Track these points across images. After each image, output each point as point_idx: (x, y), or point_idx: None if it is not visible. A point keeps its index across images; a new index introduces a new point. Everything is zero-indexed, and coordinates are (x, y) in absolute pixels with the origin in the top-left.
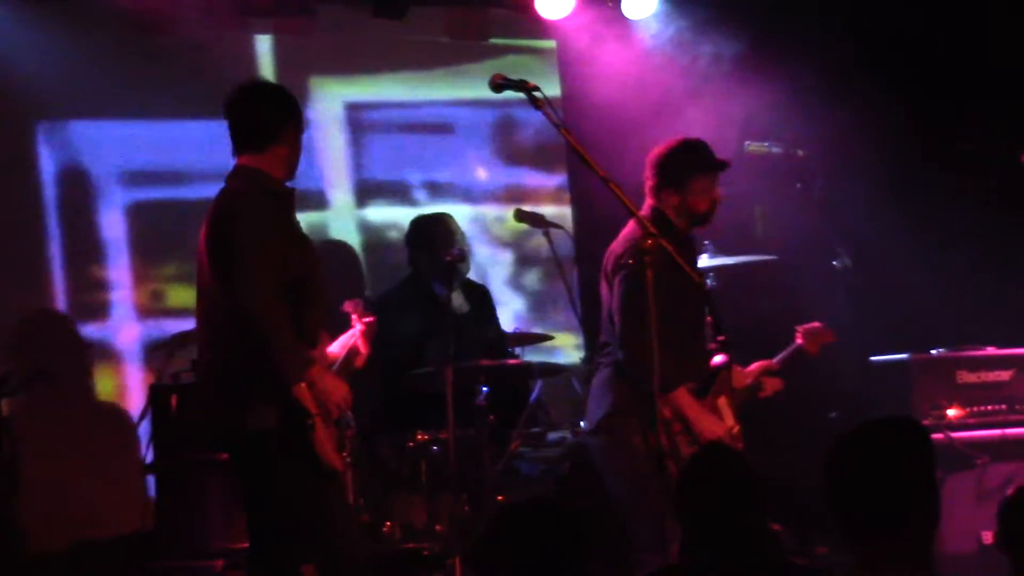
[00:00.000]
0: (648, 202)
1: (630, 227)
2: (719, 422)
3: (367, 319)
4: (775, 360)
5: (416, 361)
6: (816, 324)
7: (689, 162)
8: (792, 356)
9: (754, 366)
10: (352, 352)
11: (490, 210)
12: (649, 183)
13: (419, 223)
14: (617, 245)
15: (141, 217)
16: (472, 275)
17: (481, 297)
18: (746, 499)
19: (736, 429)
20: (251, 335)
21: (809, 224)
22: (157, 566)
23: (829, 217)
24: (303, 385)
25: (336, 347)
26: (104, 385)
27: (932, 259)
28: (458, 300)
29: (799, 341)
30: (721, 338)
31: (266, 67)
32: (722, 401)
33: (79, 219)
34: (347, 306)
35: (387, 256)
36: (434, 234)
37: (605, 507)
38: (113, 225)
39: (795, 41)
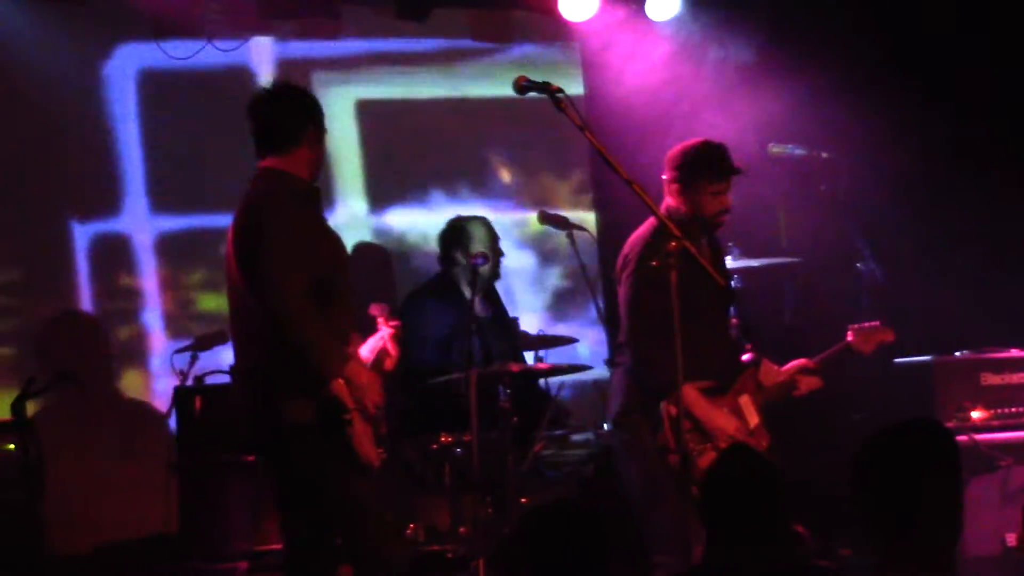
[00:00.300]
0: (665, 201)
1: (642, 228)
2: (730, 419)
3: (394, 322)
4: (815, 359)
5: (441, 361)
6: (873, 323)
7: (702, 164)
8: (839, 354)
9: (792, 364)
10: (382, 354)
11: (513, 212)
12: (665, 181)
13: (454, 224)
14: (627, 245)
15: (168, 223)
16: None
17: (499, 304)
18: (769, 501)
19: (755, 426)
20: (282, 332)
21: (833, 226)
22: (181, 568)
23: (853, 219)
24: (340, 381)
25: (365, 350)
26: (130, 388)
27: (954, 260)
28: (480, 304)
29: (849, 339)
30: (749, 336)
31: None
32: (744, 400)
33: (106, 227)
34: (373, 309)
35: (404, 261)
36: (466, 236)
37: (628, 509)
38: (140, 232)
39: (818, 42)
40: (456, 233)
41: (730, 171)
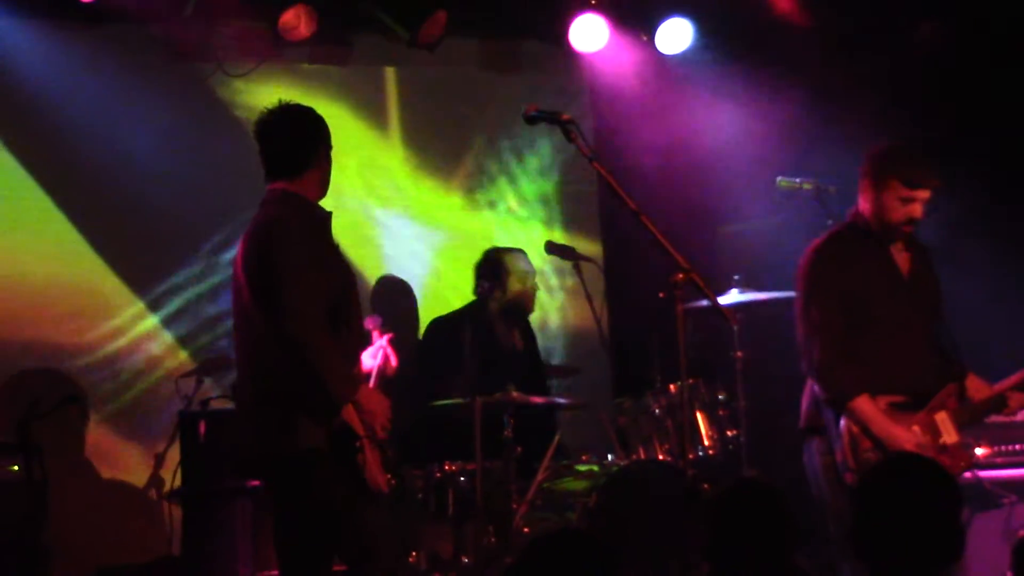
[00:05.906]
0: (856, 205)
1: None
2: (912, 434)
3: (388, 335)
4: None
5: (462, 390)
6: None
7: (899, 161)
8: None
9: (1013, 378)
10: (384, 362)
11: (521, 243)
12: (859, 179)
13: (491, 255)
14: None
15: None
16: None
17: (530, 334)
18: (776, 536)
19: (951, 444)
20: (296, 359)
21: None
22: None
23: None
24: (350, 407)
25: (368, 359)
26: (135, 411)
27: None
28: (514, 336)
29: None
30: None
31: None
32: (941, 416)
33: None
34: (368, 323)
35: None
36: (503, 268)
37: (631, 539)
38: (145, 252)
39: (828, 76)
40: (492, 265)
41: (927, 180)
